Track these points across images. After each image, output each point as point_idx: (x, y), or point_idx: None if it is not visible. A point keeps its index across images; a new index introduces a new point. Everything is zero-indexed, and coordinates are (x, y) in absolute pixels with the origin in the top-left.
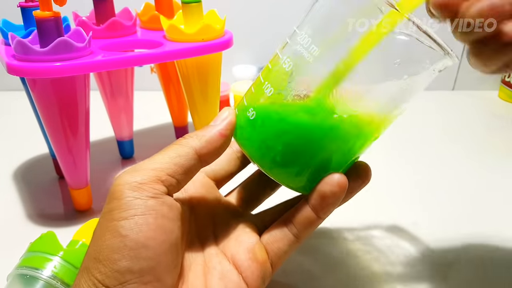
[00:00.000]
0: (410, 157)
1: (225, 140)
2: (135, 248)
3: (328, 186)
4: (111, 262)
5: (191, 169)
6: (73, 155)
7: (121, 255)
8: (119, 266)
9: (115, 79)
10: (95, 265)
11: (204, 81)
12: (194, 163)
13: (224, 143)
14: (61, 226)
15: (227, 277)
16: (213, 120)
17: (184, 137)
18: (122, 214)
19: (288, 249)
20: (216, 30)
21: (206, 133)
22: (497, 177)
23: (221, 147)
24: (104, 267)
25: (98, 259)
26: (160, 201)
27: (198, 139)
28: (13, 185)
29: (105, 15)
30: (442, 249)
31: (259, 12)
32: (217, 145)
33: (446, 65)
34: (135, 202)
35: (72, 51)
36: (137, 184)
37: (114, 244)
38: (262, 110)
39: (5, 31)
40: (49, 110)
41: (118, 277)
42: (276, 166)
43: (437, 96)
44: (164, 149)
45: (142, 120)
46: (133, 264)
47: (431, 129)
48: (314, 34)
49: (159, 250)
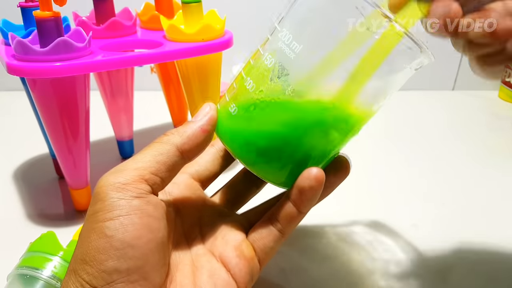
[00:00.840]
0: (410, 157)
1: (207, 135)
2: (121, 248)
3: (306, 181)
4: (97, 263)
5: (174, 166)
6: (73, 155)
7: (108, 255)
8: (105, 266)
9: (115, 79)
10: (82, 266)
11: (204, 81)
12: (176, 160)
13: (206, 139)
14: (61, 226)
15: (216, 275)
16: (194, 116)
17: (165, 134)
18: (107, 215)
19: (274, 245)
20: (216, 30)
21: (187, 129)
22: (497, 177)
23: (203, 143)
24: (91, 267)
25: (84, 260)
26: (145, 200)
27: (180, 135)
28: (13, 185)
29: (105, 15)
30: (442, 250)
31: (259, 12)
32: (198, 141)
33: (422, 63)
34: (120, 202)
35: (72, 51)
36: (120, 185)
37: (100, 245)
38: (244, 105)
39: (5, 31)
40: (49, 110)
41: (105, 277)
42: (258, 161)
43: (437, 96)
44: (146, 147)
45: (142, 120)
46: (119, 264)
47: (431, 129)
48: (296, 31)
49: (146, 248)
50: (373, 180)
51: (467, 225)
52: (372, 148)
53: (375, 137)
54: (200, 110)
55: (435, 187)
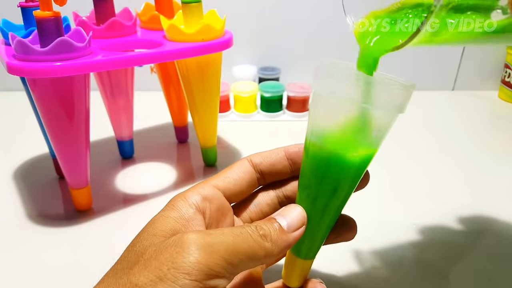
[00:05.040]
0: (410, 156)
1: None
2: None
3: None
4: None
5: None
6: (73, 155)
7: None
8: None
9: (115, 79)
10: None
11: (204, 81)
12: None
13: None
14: (61, 226)
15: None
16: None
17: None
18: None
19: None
20: (216, 30)
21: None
22: (497, 177)
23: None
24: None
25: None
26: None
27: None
28: (13, 185)
29: (105, 15)
30: (442, 249)
31: (259, 12)
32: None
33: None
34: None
35: (72, 51)
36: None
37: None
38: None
39: (5, 31)
40: (49, 110)
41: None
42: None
43: (437, 96)
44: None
45: (142, 120)
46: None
47: (431, 129)
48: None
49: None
50: (373, 180)
51: (468, 224)
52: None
53: None
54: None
55: (436, 186)
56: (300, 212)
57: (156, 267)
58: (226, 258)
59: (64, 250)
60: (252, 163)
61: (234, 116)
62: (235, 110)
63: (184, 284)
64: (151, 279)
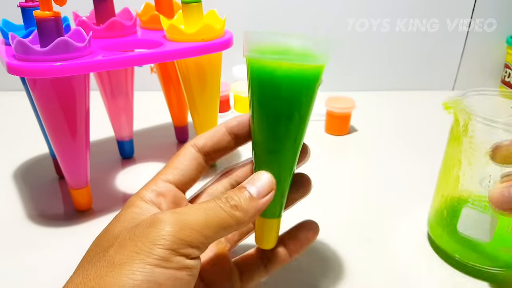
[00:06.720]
0: (410, 156)
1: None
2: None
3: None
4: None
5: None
6: (73, 155)
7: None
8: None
9: (115, 79)
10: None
11: (204, 81)
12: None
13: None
14: (61, 226)
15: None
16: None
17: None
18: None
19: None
20: (216, 30)
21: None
22: None
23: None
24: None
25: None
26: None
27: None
28: (13, 185)
29: (105, 15)
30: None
31: (259, 12)
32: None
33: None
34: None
35: (72, 51)
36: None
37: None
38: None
39: (5, 31)
40: (49, 110)
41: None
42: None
43: (437, 96)
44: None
45: (142, 120)
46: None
47: (431, 129)
48: None
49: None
50: (373, 180)
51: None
52: (372, 148)
53: (375, 137)
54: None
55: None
56: (269, 177)
57: (131, 244)
58: (198, 230)
59: (64, 250)
60: (196, 148)
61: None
62: (235, 110)
63: (159, 253)
64: (128, 255)
